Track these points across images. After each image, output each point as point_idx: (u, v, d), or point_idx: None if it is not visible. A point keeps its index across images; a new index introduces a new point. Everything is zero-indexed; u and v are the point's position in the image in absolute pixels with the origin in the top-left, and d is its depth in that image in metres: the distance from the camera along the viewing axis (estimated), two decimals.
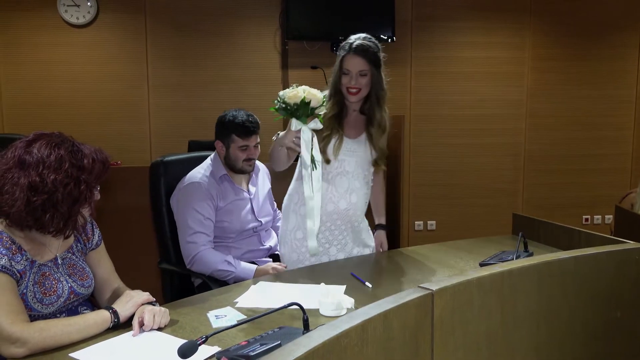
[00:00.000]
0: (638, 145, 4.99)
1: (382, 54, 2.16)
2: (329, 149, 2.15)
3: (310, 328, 1.35)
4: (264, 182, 2.54)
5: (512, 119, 4.84)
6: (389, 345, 1.09)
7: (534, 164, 4.91)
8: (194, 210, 2.26)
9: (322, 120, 2.01)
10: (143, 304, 1.54)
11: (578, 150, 4.92)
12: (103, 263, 1.70)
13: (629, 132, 4.98)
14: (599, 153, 4.94)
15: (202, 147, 3.39)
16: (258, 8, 4.52)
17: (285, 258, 2.25)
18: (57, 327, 1.40)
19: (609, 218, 4.87)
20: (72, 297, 1.56)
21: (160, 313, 1.52)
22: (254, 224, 2.41)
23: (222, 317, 1.59)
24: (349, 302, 1.62)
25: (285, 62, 4.58)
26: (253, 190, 2.44)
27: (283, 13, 4.48)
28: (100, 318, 1.48)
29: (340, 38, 4.91)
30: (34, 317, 1.47)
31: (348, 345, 1.00)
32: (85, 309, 1.62)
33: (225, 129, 2.34)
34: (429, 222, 4.85)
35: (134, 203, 3.30)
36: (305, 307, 1.37)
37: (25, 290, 1.47)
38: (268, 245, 2.48)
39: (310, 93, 1.95)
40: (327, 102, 2.11)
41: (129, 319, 1.51)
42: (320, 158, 2.07)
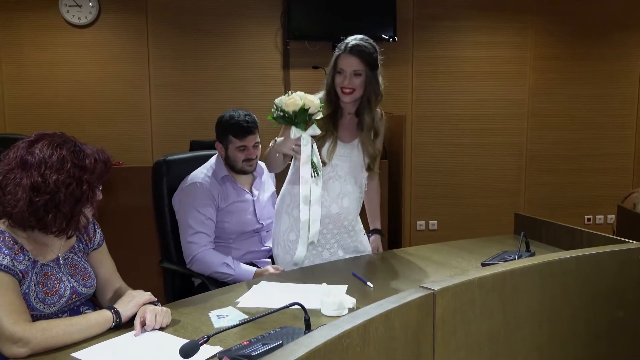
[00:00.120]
0: None
1: (379, 57, 2.13)
2: (323, 152, 2.13)
3: (312, 328, 1.35)
4: (268, 184, 2.53)
5: (514, 119, 4.84)
6: (391, 345, 1.09)
7: (536, 164, 4.90)
8: (195, 211, 2.26)
9: (318, 124, 1.99)
10: (145, 304, 1.54)
11: (580, 150, 4.91)
12: (105, 263, 1.70)
13: (632, 131, 4.97)
14: (601, 153, 4.93)
15: (203, 147, 3.39)
16: (259, 8, 4.52)
17: (280, 259, 2.25)
18: (59, 327, 1.40)
19: (611, 218, 4.86)
20: (74, 297, 1.57)
21: (162, 313, 1.52)
22: (256, 226, 2.40)
23: (223, 317, 1.59)
24: (351, 302, 1.62)
25: (287, 62, 4.58)
26: (256, 192, 2.43)
27: (284, 13, 4.48)
28: (102, 318, 1.48)
29: (342, 38, 4.89)
30: (36, 317, 1.47)
31: (350, 345, 1.00)
32: (87, 309, 1.62)
33: (223, 130, 2.34)
34: (431, 222, 4.85)
35: (136, 203, 3.31)
36: (307, 307, 1.37)
37: (28, 290, 1.47)
38: (269, 246, 2.48)
39: (308, 99, 1.92)
40: (323, 103, 2.08)
41: (131, 319, 1.51)
42: (321, 164, 2.04)
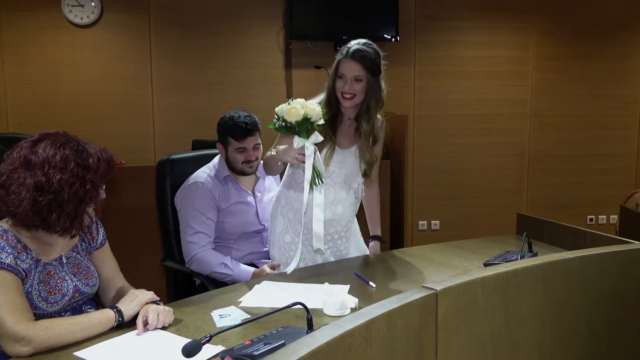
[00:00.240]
0: None
1: (383, 62, 2.10)
2: (320, 158, 2.09)
3: (314, 328, 1.36)
4: (272, 185, 2.52)
5: (516, 119, 4.83)
6: (393, 345, 1.09)
7: (539, 164, 4.89)
8: (196, 210, 2.27)
9: (318, 129, 1.97)
10: (147, 303, 1.54)
11: (582, 150, 4.90)
12: (107, 262, 1.71)
13: (634, 131, 4.96)
14: (604, 153, 4.92)
15: (205, 146, 3.39)
16: (261, 8, 4.52)
17: (276, 259, 2.25)
18: (61, 326, 1.40)
19: (614, 218, 4.85)
20: (76, 296, 1.57)
21: (165, 312, 1.52)
22: (258, 227, 2.40)
23: (226, 316, 1.59)
24: (353, 301, 1.62)
25: (289, 61, 4.58)
26: (259, 194, 2.43)
27: (286, 13, 4.48)
28: (105, 317, 1.48)
29: (344, 38, 4.89)
30: (39, 315, 1.48)
31: (352, 345, 1.00)
32: (90, 308, 1.63)
33: (223, 131, 2.34)
34: (433, 222, 4.84)
35: (138, 202, 3.32)
36: (309, 306, 1.38)
37: (31, 289, 1.47)
38: None
39: (309, 108, 1.91)
40: (324, 108, 2.06)
41: (133, 318, 1.51)
42: (324, 171, 2.03)
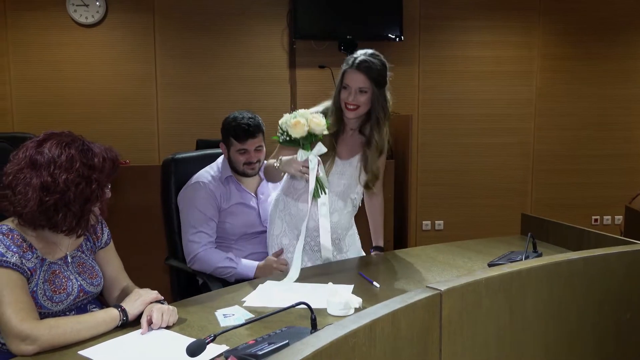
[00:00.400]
0: None
1: (389, 73, 2.08)
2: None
3: (318, 327, 1.36)
4: (276, 187, 2.52)
5: (520, 119, 4.82)
6: (397, 345, 1.09)
7: (543, 164, 4.88)
8: (197, 210, 2.27)
9: (321, 139, 1.97)
10: (151, 303, 1.55)
11: (587, 150, 4.88)
12: (112, 262, 1.71)
13: (639, 132, 4.94)
14: (609, 153, 4.89)
15: (210, 146, 3.40)
16: (266, 8, 4.52)
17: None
18: (66, 325, 1.41)
19: (619, 219, 4.83)
20: (81, 295, 1.58)
21: (169, 312, 1.53)
22: (259, 228, 2.39)
23: (229, 316, 1.60)
24: (357, 301, 1.62)
25: (293, 61, 4.58)
26: (262, 196, 2.42)
27: (291, 12, 4.48)
28: (109, 316, 1.49)
29: (348, 37, 4.87)
30: (44, 314, 1.48)
31: (356, 345, 1.00)
32: (94, 307, 1.63)
33: (226, 132, 2.33)
34: (437, 222, 4.83)
35: (143, 202, 3.32)
36: (313, 306, 1.37)
37: (36, 288, 1.48)
38: None
39: (313, 122, 1.91)
40: (329, 118, 2.06)
41: (138, 317, 1.52)
42: (327, 183, 2.03)
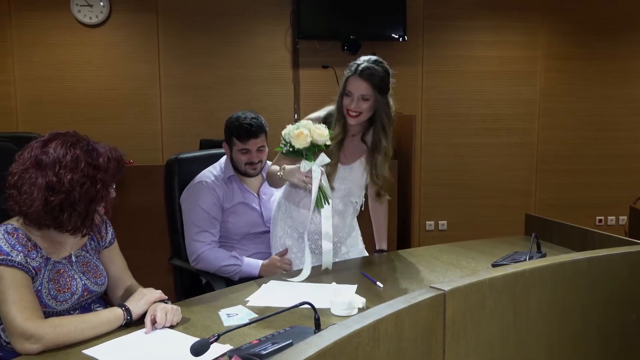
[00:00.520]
0: None
1: (391, 80, 2.07)
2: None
3: (322, 327, 1.36)
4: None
5: (524, 119, 4.80)
6: (401, 346, 1.09)
7: (547, 164, 4.86)
8: (201, 209, 2.27)
9: (325, 149, 1.97)
10: (155, 302, 1.55)
11: (592, 150, 4.86)
12: (116, 261, 1.72)
13: None
14: (613, 153, 4.88)
15: (213, 146, 3.40)
16: (269, 8, 4.52)
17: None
18: (71, 324, 1.41)
19: (623, 219, 4.81)
20: (85, 294, 1.58)
21: (172, 311, 1.53)
22: (262, 228, 2.39)
23: (233, 315, 1.60)
24: (360, 301, 1.62)
25: (296, 61, 4.59)
26: (264, 196, 2.42)
27: (294, 12, 4.48)
28: (113, 315, 1.49)
29: (352, 37, 4.86)
30: (48, 313, 1.49)
31: (359, 345, 1.00)
32: (98, 307, 1.64)
33: (229, 131, 2.33)
34: (440, 222, 4.83)
35: (146, 202, 3.33)
36: (317, 306, 1.37)
37: (40, 287, 1.48)
38: None
39: (317, 133, 1.91)
40: (332, 125, 2.06)
41: (142, 317, 1.52)
42: (331, 193, 2.03)
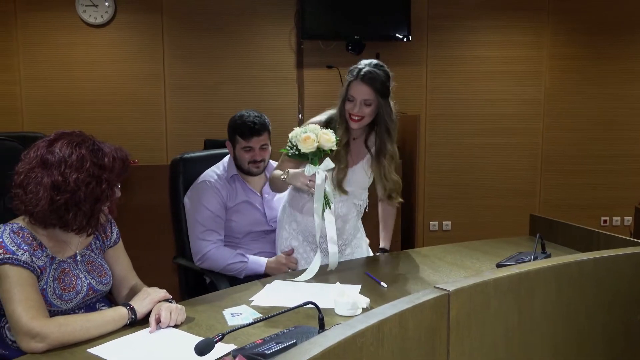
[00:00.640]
0: None
1: (392, 83, 2.09)
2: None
3: (326, 327, 1.36)
4: None
5: (529, 119, 4.79)
6: (405, 346, 1.09)
7: (551, 165, 4.85)
8: (206, 208, 2.28)
9: (330, 153, 1.98)
10: (160, 301, 1.56)
11: (596, 151, 4.84)
12: (121, 260, 1.72)
13: None
14: (618, 154, 4.85)
15: (217, 145, 3.41)
16: (273, 8, 4.53)
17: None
18: (76, 323, 1.42)
19: (628, 220, 4.79)
20: (90, 293, 1.59)
21: (177, 310, 1.53)
22: (265, 227, 2.39)
23: (237, 315, 1.60)
24: (365, 301, 1.62)
25: (301, 61, 4.59)
26: (267, 196, 2.42)
27: (298, 12, 4.48)
28: (118, 315, 1.50)
29: (356, 37, 4.85)
30: (53, 312, 1.50)
31: (364, 345, 1.00)
32: (103, 306, 1.64)
33: (232, 129, 2.34)
34: (444, 222, 4.82)
35: (151, 201, 3.34)
36: (321, 306, 1.38)
37: (45, 286, 1.49)
38: None
39: (324, 138, 1.91)
40: (336, 130, 2.06)
41: (146, 316, 1.53)
42: (333, 197, 2.03)
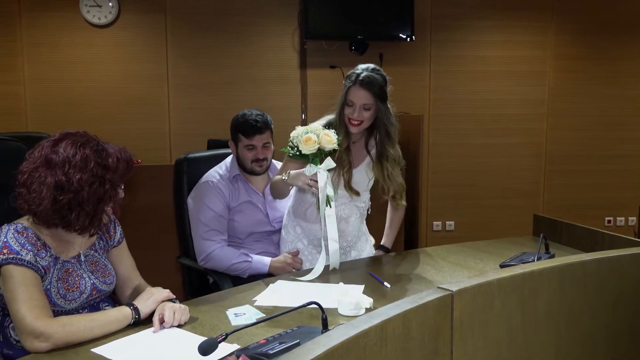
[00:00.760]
0: None
1: (389, 87, 2.10)
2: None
3: (329, 327, 1.36)
4: None
5: (533, 119, 4.78)
6: (408, 346, 1.09)
7: (555, 165, 4.83)
8: (209, 208, 2.28)
9: (331, 153, 1.99)
10: (163, 301, 1.56)
11: (600, 151, 4.83)
12: (124, 260, 1.73)
13: None
14: (622, 154, 4.84)
15: (221, 145, 3.41)
16: (277, 8, 4.53)
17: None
18: (80, 322, 1.42)
19: (632, 220, 4.77)
20: (94, 293, 1.59)
21: (180, 310, 1.54)
22: (268, 228, 2.39)
23: (241, 315, 1.60)
24: (368, 301, 1.62)
25: (304, 61, 4.59)
26: (270, 196, 2.40)
27: (301, 13, 4.48)
28: (122, 314, 1.50)
29: (359, 37, 4.85)
30: (57, 312, 1.50)
31: (367, 345, 1.00)
32: (107, 306, 1.65)
33: (234, 128, 2.35)
34: (448, 222, 4.81)
35: (154, 201, 3.34)
36: (324, 306, 1.38)
37: (49, 286, 1.49)
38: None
39: (325, 139, 1.92)
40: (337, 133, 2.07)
41: (150, 316, 1.53)
42: (334, 196, 2.04)
